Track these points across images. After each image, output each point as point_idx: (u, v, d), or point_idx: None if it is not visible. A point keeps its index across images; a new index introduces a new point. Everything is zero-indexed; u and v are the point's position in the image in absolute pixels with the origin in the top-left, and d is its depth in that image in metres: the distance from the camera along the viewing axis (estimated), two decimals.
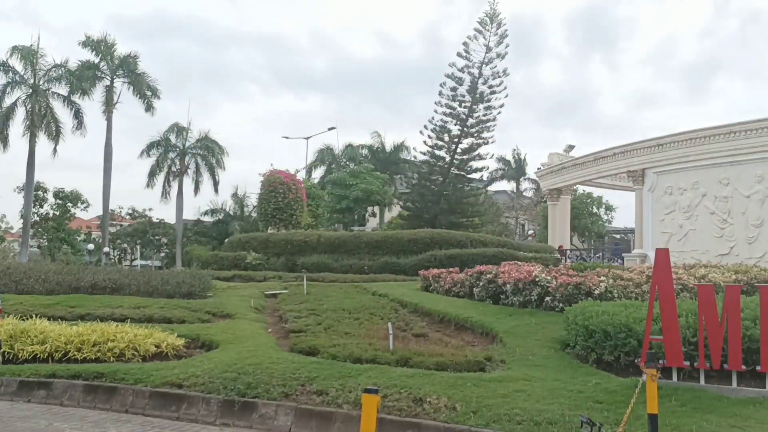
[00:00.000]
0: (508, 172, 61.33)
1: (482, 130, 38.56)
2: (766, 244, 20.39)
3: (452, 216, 37.98)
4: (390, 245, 22.71)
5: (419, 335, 11.43)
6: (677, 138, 23.70)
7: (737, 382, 7.75)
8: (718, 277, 13.07)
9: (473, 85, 38.12)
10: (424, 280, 16.81)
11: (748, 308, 8.39)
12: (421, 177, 39.97)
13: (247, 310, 13.99)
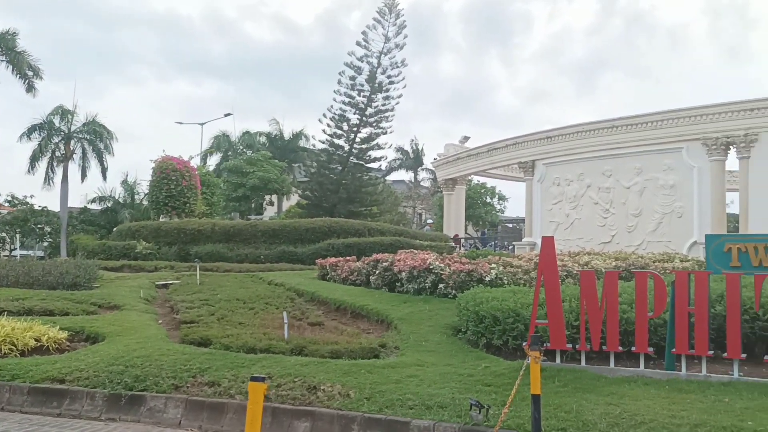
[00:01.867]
0: (406, 162, 62.13)
1: (381, 119, 38.83)
2: (644, 232, 21.72)
3: (351, 205, 38.10)
4: (287, 234, 22.53)
5: (315, 324, 11.43)
6: (564, 131, 24.78)
7: (615, 362, 8.21)
8: (600, 263, 13.77)
9: (372, 74, 38.27)
10: (321, 268, 16.80)
11: (626, 293, 8.88)
12: (320, 166, 39.81)
13: (137, 301, 13.51)
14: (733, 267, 8.14)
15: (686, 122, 21.11)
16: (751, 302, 7.96)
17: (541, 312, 8.38)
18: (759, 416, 6.12)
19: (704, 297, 7.73)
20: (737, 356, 7.56)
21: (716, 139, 20.29)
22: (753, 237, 9.42)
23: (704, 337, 7.68)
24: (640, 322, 8.04)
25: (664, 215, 21.33)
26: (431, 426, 6.70)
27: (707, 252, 8.49)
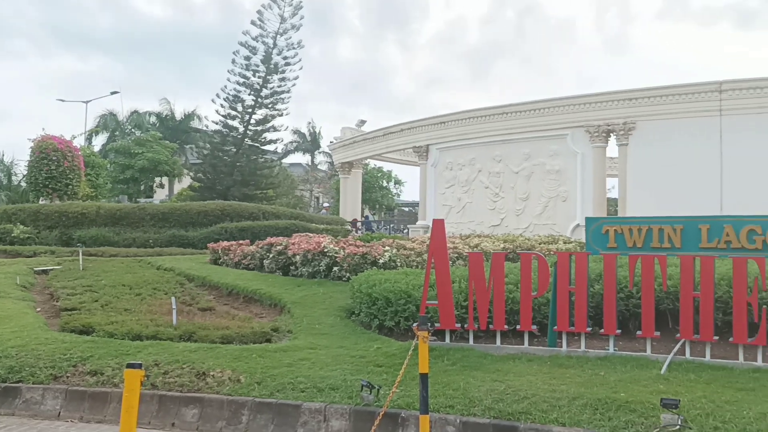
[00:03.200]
0: (303, 145, 61.70)
1: (277, 101, 38.29)
2: (531, 215, 22.60)
3: (246, 188, 37.43)
4: (178, 217, 21.84)
5: (206, 309, 11.18)
6: (457, 117, 25.31)
7: (501, 340, 8.51)
8: (489, 246, 14.19)
9: (268, 55, 37.62)
10: (213, 253, 16.42)
11: (513, 274, 9.20)
12: (213, 147, 38.79)
13: (12, 288, 12.71)
14: (610, 248, 8.59)
15: (571, 110, 22.07)
16: (626, 281, 8.44)
17: (431, 293, 8.54)
18: (631, 387, 6.52)
19: (583, 277, 8.13)
20: (613, 332, 8.01)
21: (598, 127, 21.33)
22: (628, 219, 9.97)
23: (583, 314, 8.08)
24: (524, 301, 8.36)
25: (549, 199, 22.26)
26: (322, 408, 6.72)
27: (587, 234, 8.92)
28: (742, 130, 19.17)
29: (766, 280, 7.56)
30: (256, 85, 37.77)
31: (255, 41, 37.45)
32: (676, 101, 20.39)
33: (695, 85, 20.27)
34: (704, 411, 5.75)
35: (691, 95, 20.16)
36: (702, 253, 7.88)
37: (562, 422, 5.89)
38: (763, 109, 19.09)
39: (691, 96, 20.15)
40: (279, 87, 38.11)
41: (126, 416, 3.86)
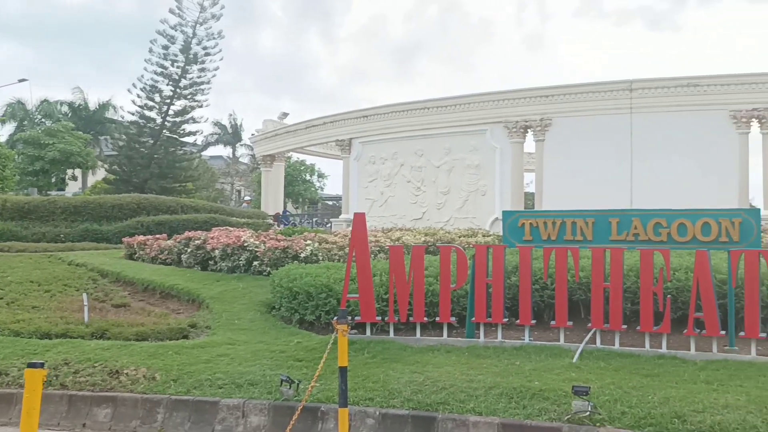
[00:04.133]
0: (224, 137, 60.50)
1: (196, 92, 37.40)
2: (452, 209, 22.93)
3: (164, 181, 36.42)
4: (91, 211, 21.00)
5: (120, 305, 10.83)
6: (380, 111, 25.39)
7: (421, 332, 8.61)
8: (410, 239, 14.32)
9: (187, 45, 36.66)
10: (128, 247, 15.89)
11: (432, 266, 9.32)
12: (129, 139, 37.51)
13: None
14: (526, 241, 8.82)
15: (490, 106, 22.50)
16: (541, 273, 8.68)
17: (352, 286, 8.57)
18: (544, 376, 6.72)
19: (500, 269, 8.33)
20: (528, 323, 8.25)
21: (516, 123, 21.85)
22: (543, 213, 10.28)
23: (500, 306, 8.28)
24: (443, 293, 8.49)
25: (469, 193, 22.65)
26: (241, 404, 6.63)
27: (504, 227, 9.13)
28: (650, 128, 20.03)
29: (670, 271, 7.96)
30: (175, 76, 36.77)
31: (173, 30, 36.45)
32: (589, 99, 21.11)
33: (607, 83, 21.03)
34: (613, 397, 5.99)
35: (603, 93, 20.90)
36: (612, 246, 8.19)
37: (478, 411, 6.01)
38: (670, 107, 20.00)
39: (604, 94, 20.89)
40: (199, 77, 37.26)
41: (27, 418, 3.66)
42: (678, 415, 5.54)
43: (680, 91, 19.92)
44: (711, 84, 19.68)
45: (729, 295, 7.39)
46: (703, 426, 5.36)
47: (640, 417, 5.59)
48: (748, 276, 7.27)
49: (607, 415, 5.66)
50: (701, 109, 19.76)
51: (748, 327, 7.26)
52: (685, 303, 7.79)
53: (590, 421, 5.59)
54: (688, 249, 8.17)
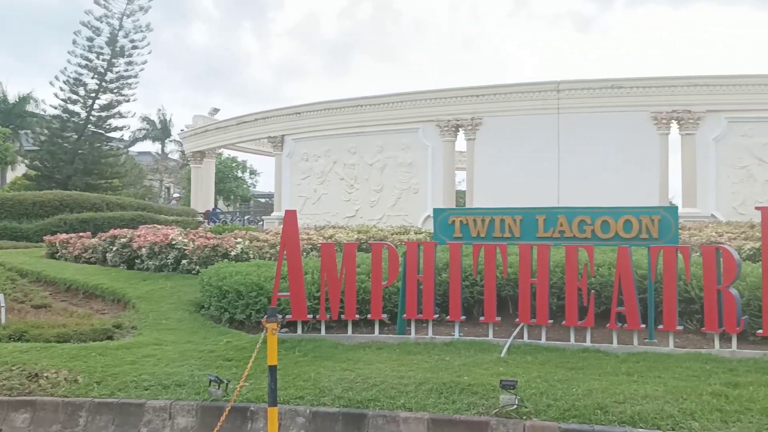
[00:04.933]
0: (152, 133, 59.04)
1: (123, 86, 36.40)
2: (385, 207, 22.99)
3: (89, 177, 35.28)
4: (10, 208, 20.17)
5: (41, 306, 10.44)
6: (313, 108, 25.22)
7: (352, 330, 8.62)
8: (343, 237, 14.29)
9: (113, 37, 35.59)
10: (50, 246, 15.33)
11: (364, 264, 9.34)
12: (52, 133, 36.11)
13: None
14: (457, 238, 8.92)
15: (422, 105, 22.67)
16: (470, 269, 8.82)
17: (284, 285, 8.50)
18: (473, 371, 6.82)
19: (431, 266, 8.41)
20: (458, 318, 8.36)
21: (447, 122, 22.08)
22: (473, 211, 10.43)
23: (431, 302, 8.36)
24: (375, 290, 8.53)
25: (402, 191, 22.76)
26: (167, 405, 6.47)
27: (434, 225, 9.21)
28: (576, 128, 20.58)
29: (594, 267, 8.21)
30: (101, 69, 35.66)
31: (99, 21, 35.32)
32: (518, 99, 21.53)
33: (536, 84, 21.50)
34: (539, 390, 6.13)
35: (532, 94, 21.35)
36: (539, 243, 8.39)
37: (409, 407, 6.05)
38: (595, 108, 20.61)
39: (532, 94, 21.35)
40: (126, 71, 36.27)
41: None
42: (600, 406, 5.72)
43: (605, 92, 20.56)
44: (633, 86, 20.39)
45: (649, 289, 7.68)
46: (624, 416, 5.54)
47: (564, 409, 5.73)
48: (667, 271, 7.57)
49: (533, 408, 5.79)
50: (624, 110, 20.44)
51: (667, 320, 7.56)
52: (608, 298, 8.05)
53: (517, 415, 5.70)
54: (611, 245, 8.44)
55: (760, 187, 19.49)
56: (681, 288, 7.99)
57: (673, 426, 5.36)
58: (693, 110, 19.82)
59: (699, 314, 7.85)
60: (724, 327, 7.34)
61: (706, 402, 5.69)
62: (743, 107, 19.70)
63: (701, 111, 19.84)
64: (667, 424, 5.38)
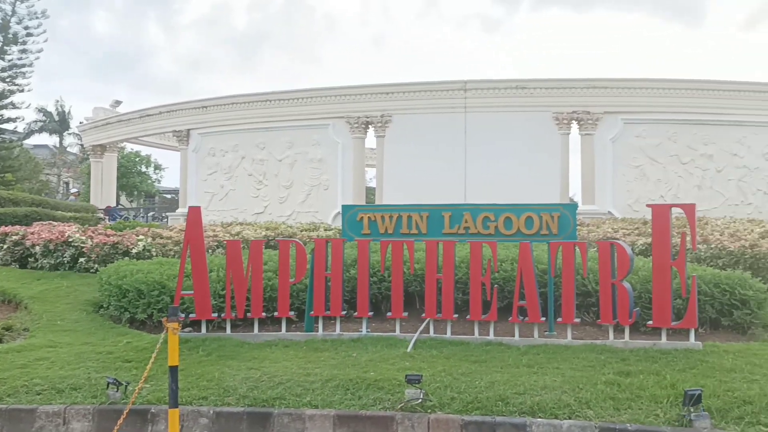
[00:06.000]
0: (49, 125, 56.16)
1: (17, 75, 34.57)
2: (294, 203, 22.77)
3: None
4: None
5: None
6: (220, 102, 24.65)
7: (259, 328, 8.50)
8: (251, 233, 14.08)
9: (5, 23, 33.71)
10: None
11: (272, 261, 9.24)
12: None
13: None
14: (365, 234, 8.94)
15: (332, 101, 22.58)
16: (378, 266, 8.88)
17: (188, 283, 8.29)
18: (380, 366, 6.86)
19: (339, 262, 8.41)
20: (366, 314, 8.39)
21: (358, 119, 22.11)
22: (381, 207, 10.51)
23: (338, 299, 8.36)
24: (282, 288, 8.44)
25: (312, 187, 22.60)
26: (62, 410, 6.18)
27: (343, 221, 9.20)
28: (483, 126, 21.04)
29: (497, 263, 8.43)
30: None
31: None
32: (427, 97, 21.80)
33: (444, 83, 21.82)
34: (443, 384, 6.24)
35: (440, 92, 21.67)
36: (445, 239, 8.52)
37: (315, 404, 6.02)
38: (500, 108, 21.13)
39: (441, 93, 21.67)
40: (20, 59, 34.48)
41: None
42: (502, 398, 5.88)
43: (510, 92, 21.12)
44: (536, 87, 21.05)
45: (549, 284, 7.96)
46: (524, 407, 5.72)
47: (468, 402, 5.86)
48: (565, 266, 7.86)
49: (437, 402, 5.88)
50: (528, 110, 21.06)
51: (565, 313, 7.85)
52: (511, 292, 8.29)
53: (422, 408, 5.78)
54: (514, 241, 8.68)
55: (652, 186, 20.56)
56: (579, 282, 8.32)
57: (570, 414, 5.58)
58: (592, 111, 20.66)
59: (595, 307, 8.19)
60: (618, 319, 7.69)
61: (600, 391, 5.95)
62: (638, 109, 20.72)
63: (599, 112, 20.71)
64: (564, 413, 5.60)
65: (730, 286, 8.29)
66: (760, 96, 20.78)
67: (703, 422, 5.27)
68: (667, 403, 5.66)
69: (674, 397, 5.70)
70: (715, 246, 11.25)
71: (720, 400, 5.67)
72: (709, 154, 20.63)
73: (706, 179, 20.65)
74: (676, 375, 6.35)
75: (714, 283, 8.34)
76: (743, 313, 8.22)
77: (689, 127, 20.64)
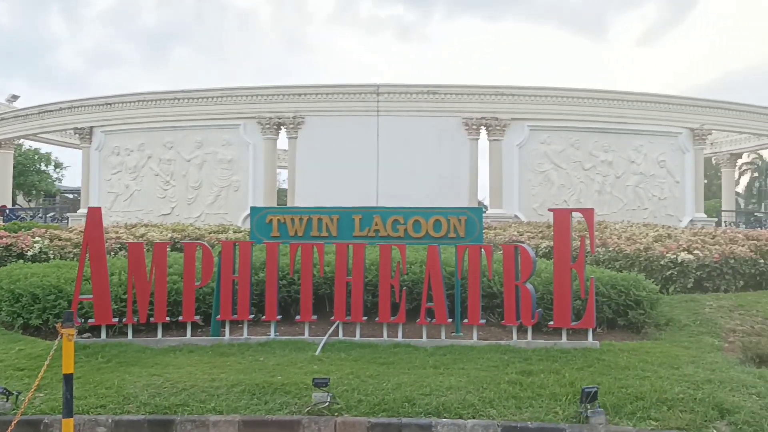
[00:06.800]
0: None
1: None
2: (203, 205, 22.24)
3: None
4: None
5: None
6: (126, 99, 23.80)
7: (163, 333, 8.26)
8: (156, 235, 13.69)
9: None
10: None
11: (177, 264, 8.99)
12: None
13: None
14: (274, 237, 8.83)
15: (244, 101, 22.21)
16: (288, 268, 8.79)
17: (87, 287, 7.97)
18: (288, 370, 6.80)
19: (247, 265, 8.28)
20: (274, 318, 8.29)
21: (269, 119, 21.84)
22: (291, 210, 10.41)
23: (246, 302, 8.23)
24: (187, 291, 8.23)
25: (222, 188, 22.15)
26: None
27: (251, 223, 9.06)
28: (395, 130, 21.25)
29: (406, 265, 8.52)
30: None
31: None
32: (340, 100, 21.81)
33: (357, 86, 21.88)
34: (351, 386, 6.24)
35: (353, 95, 21.73)
36: (355, 241, 8.54)
37: (219, 410, 5.89)
38: (412, 112, 21.40)
39: (354, 96, 21.72)
40: None
41: None
42: (408, 399, 5.93)
43: (421, 97, 21.43)
44: (447, 93, 21.44)
45: (456, 286, 8.12)
46: (430, 407, 5.80)
47: (375, 404, 5.88)
48: (471, 268, 8.03)
49: (345, 404, 5.88)
50: (440, 115, 21.44)
51: (471, 314, 8.02)
52: (420, 294, 8.39)
53: (329, 412, 5.76)
54: (422, 244, 8.79)
55: (556, 191, 21.34)
56: (485, 284, 8.53)
57: (474, 414, 5.70)
58: (500, 118, 21.24)
59: (501, 308, 8.40)
60: (522, 319, 7.92)
61: (503, 390, 6.11)
62: (543, 117, 21.47)
63: (507, 119, 21.31)
64: (468, 413, 5.71)
65: (625, 288, 8.70)
66: (655, 107, 21.99)
67: (599, 418, 5.49)
68: (565, 401, 5.86)
69: (573, 394, 5.92)
70: (613, 249, 11.78)
71: (614, 397, 5.93)
72: (609, 161, 21.64)
73: (606, 185, 21.64)
74: (575, 373, 6.60)
75: (611, 285, 8.73)
76: (637, 313, 8.65)
77: (591, 134, 21.59)
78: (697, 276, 10.93)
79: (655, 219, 21.28)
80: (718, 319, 9.17)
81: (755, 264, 11.22)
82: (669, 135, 22.20)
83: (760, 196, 53.82)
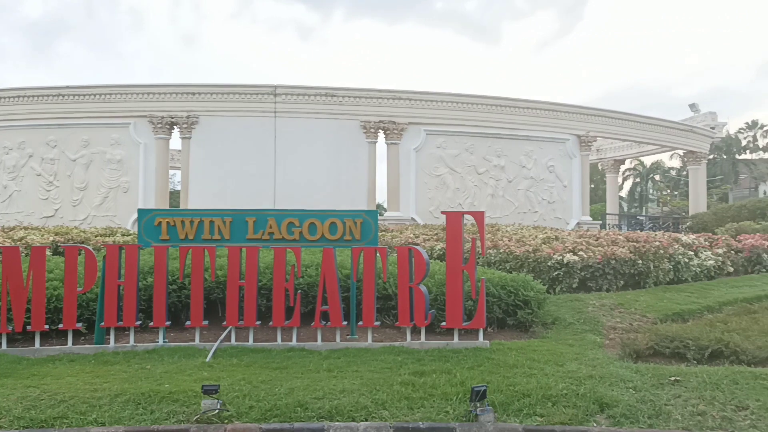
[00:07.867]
0: None
1: None
2: (90, 206, 21.20)
3: None
4: None
5: None
6: (5, 94, 22.30)
7: (42, 342, 7.80)
8: (37, 239, 12.93)
9: None
10: None
11: (59, 269, 8.52)
12: None
13: None
14: (163, 240, 8.53)
15: (134, 99, 21.36)
16: (178, 273, 8.51)
17: None
18: (176, 378, 6.56)
19: (133, 270, 7.95)
20: (163, 324, 8.00)
21: (162, 118, 21.12)
22: (181, 212, 10.09)
23: (132, 308, 7.90)
24: (68, 298, 7.82)
25: (110, 189, 21.20)
26: None
27: (139, 226, 8.70)
28: (293, 132, 21.07)
29: (301, 268, 8.44)
30: None
31: None
32: (237, 100, 21.38)
33: (254, 86, 21.53)
34: (242, 392, 6.10)
35: (250, 95, 21.36)
36: (249, 244, 8.37)
37: (101, 422, 5.60)
38: (310, 114, 21.29)
39: (251, 96, 21.36)
40: None
41: None
42: (301, 403, 5.86)
43: (319, 99, 21.36)
44: (345, 95, 21.49)
45: (351, 288, 8.11)
46: (323, 411, 5.75)
47: (266, 409, 5.77)
48: (366, 271, 8.05)
49: (235, 411, 5.73)
50: (338, 118, 21.46)
51: (366, 317, 8.04)
52: (315, 297, 8.32)
53: (218, 419, 5.60)
54: (318, 247, 8.74)
55: (451, 194, 21.82)
56: (380, 286, 8.58)
57: (367, 416, 5.70)
58: (397, 121, 21.49)
59: (395, 310, 8.47)
60: (415, 321, 8.01)
61: (396, 391, 6.15)
62: (439, 121, 21.91)
63: (404, 123, 21.59)
64: (361, 415, 5.70)
65: (514, 288, 8.98)
66: (544, 114, 22.93)
67: (488, 416, 5.62)
68: (456, 400, 5.96)
69: (463, 393, 6.03)
70: (503, 251, 12.14)
71: (503, 395, 6.09)
72: (502, 166, 22.35)
73: (499, 188, 22.34)
74: (466, 373, 6.73)
75: (501, 285, 8.99)
76: (526, 312, 8.95)
77: (485, 140, 22.23)
78: (582, 276, 11.44)
79: (545, 222, 22.17)
80: (600, 317, 9.63)
81: (634, 264, 11.86)
82: (557, 141, 23.21)
83: (641, 199, 57.32)
